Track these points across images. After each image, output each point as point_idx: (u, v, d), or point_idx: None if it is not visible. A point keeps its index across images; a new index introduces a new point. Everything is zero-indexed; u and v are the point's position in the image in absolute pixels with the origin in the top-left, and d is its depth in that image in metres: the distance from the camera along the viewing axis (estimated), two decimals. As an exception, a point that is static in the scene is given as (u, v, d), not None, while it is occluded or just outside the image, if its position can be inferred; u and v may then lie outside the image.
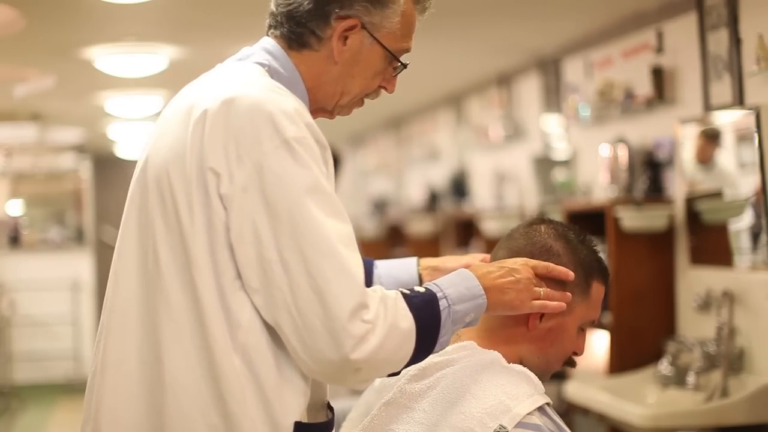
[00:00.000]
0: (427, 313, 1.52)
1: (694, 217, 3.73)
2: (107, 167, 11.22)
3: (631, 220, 3.76)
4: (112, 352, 1.56)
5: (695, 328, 3.61)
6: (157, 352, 1.50)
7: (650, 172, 3.98)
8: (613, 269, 3.82)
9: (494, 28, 4.60)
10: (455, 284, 1.58)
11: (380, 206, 8.49)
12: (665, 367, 3.53)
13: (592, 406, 3.55)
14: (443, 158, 7.10)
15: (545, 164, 5.14)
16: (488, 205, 5.99)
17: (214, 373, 1.47)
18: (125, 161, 11.29)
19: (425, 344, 1.52)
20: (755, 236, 3.38)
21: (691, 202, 3.74)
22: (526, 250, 1.74)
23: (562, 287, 1.70)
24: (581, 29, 4.58)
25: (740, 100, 3.46)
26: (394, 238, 7.46)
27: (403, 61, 1.69)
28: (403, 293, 1.52)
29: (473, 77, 6.04)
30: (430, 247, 6.50)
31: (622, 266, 3.82)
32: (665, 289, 3.81)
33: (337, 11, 1.60)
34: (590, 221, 4.03)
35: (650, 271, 3.83)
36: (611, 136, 4.31)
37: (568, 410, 3.88)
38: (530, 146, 5.46)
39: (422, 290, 1.56)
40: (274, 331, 1.48)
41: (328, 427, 1.60)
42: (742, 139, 3.44)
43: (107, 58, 5.03)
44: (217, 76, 1.61)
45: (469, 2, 4.06)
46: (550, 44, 4.96)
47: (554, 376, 4.38)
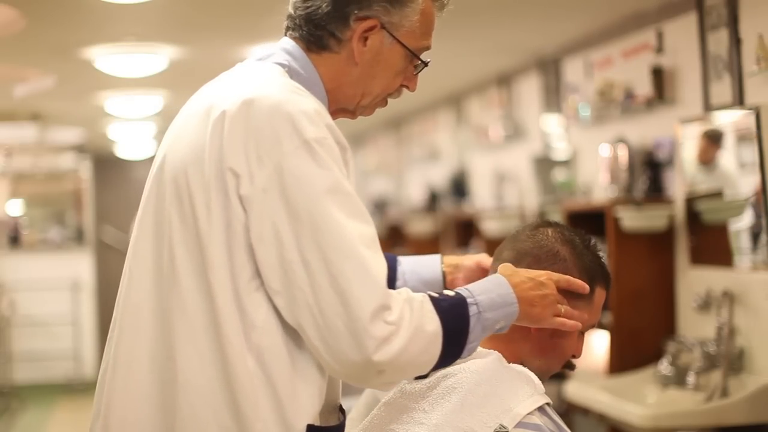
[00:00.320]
0: (454, 317, 1.51)
1: (694, 217, 3.73)
2: (107, 167, 11.23)
3: (631, 220, 3.76)
4: (123, 350, 1.56)
5: (695, 328, 3.61)
6: (170, 351, 1.50)
7: (650, 172, 3.98)
8: (613, 269, 3.82)
9: (494, 28, 4.60)
10: (488, 291, 1.56)
11: (380, 206, 8.49)
12: (665, 367, 3.53)
13: (592, 406, 3.56)
14: (443, 158, 7.10)
15: (545, 164, 5.14)
16: (488, 205, 5.99)
17: (227, 374, 1.46)
18: (125, 161, 11.30)
19: (452, 349, 1.51)
20: (755, 236, 3.38)
21: (691, 202, 3.74)
22: (532, 252, 1.74)
23: (568, 295, 1.70)
24: (581, 29, 4.58)
25: (740, 100, 3.46)
26: (394, 238, 7.46)
27: (423, 59, 1.68)
28: (431, 296, 1.51)
29: (473, 77, 6.05)
30: (430, 247, 6.49)
31: (622, 266, 3.82)
32: (665, 289, 3.81)
33: (356, 12, 1.59)
34: (590, 221, 4.03)
35: (650, 271, 3.83)
36: (611, 136, 4.31)
37: (568, 410, 3.88)
38: (530, 146, 5.46)
39: (452, 294, 1.54)
40: (289, 332, 1.48)
41: (339, 430, 1.60)
42: (742, 139, 3.44)
43: (107, 58, 5.03)
44: (236, 75, 1.60)
45: (469, 2, 4.06)
46: (550, 44, 4.96)
47: (554, 376, 4.37)
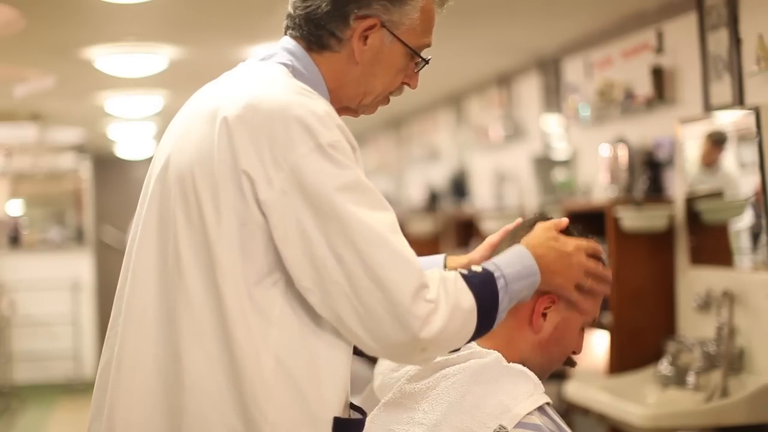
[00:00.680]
0: (486, 292, 1.54)
1: (694, 217, 3.73)
2: (107, 167, 11.23)
3: (631, 220, 3.76)
4: (127, 351, 1.55)
5: (695, 328, 3.61)
6: (176, 352, 1.49)
7: (650, 172, 3.98)
8: (613, 269, 3.80)
9: (494, 28, 4.60)
10: (513, 263, 1.59)
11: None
12: (665, 367, 3.53)
13: (592, 406, 3.56)
14: (443, 158, 7.10)
15: (545, 164, 5.14)
16: (488, 205, 5.99)
17: (235, 376, 1.46)
18: (125, 161, 11.31)
19: (485, 322, 1.54)
20: (755, 236, 3.38)
21: (691, 202, 3.74)
22: None
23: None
24: (581, 29, 4.58)
25: (740, 100, 3.46)
26: (394, 238, 7.45)
27: (424, 56, 1.68)
28: (462, 274, 1.54)
29: (473, 77, 6.05)
30: (430, 247, 6.50)
31: (622, 266, 3.82)
32: (665, 289, 3.81)
33: (355, 11, 1.59)
34: (590, 221, 4.03)
35: (650, 271, 3.83)
36: (611, 136, 4.31)
37: (568, 410, 3.88)
38: (530, 146, 5.46)
39: (479, 270, 1.57)
40: (307, 327, 1.49)
41: (362, 424, 1.60)
42: (742, 139, 3.44)
43: (107, 58, 5.03)
44: (241, 76, 1.60)
45: (469, 2, 4.06)
46: (550, 44, 4.96)
47: (554, 376, 4.37)
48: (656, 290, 3.82)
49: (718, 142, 3.61)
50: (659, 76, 3.99)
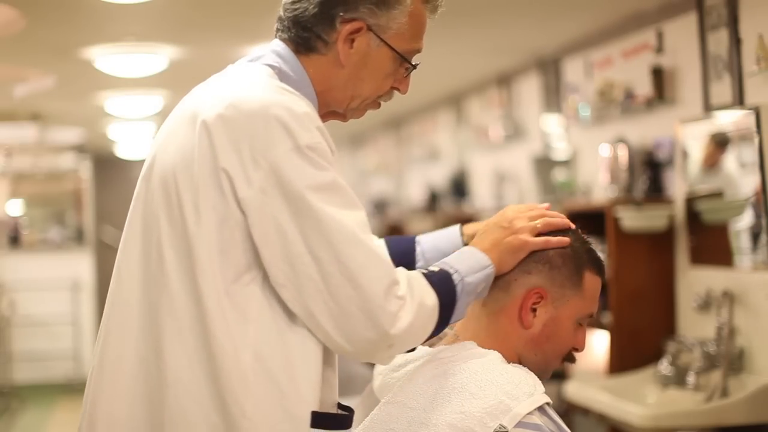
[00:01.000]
0: (445, 289, 1.58)
1: (694, 217, 3.73)
2: (107, 167, 11.23)
3: (631, 220, 3.76)
4: (111, 348, 1.57)
5: (695, 328, 3.61)
6: (158, 350, 1.52)
7: (650, 172, 3.98)
8: (613, 269, 3.82)
9: (494, 28, 4.60)
10: (464, 260, 1.64)
11: (380, 206, 8.49)
12: (665, 367, 3.53)
13: (592, 406, 3.56)
14: (443, 158, 7.10)
15: (545, 164, 5.14)
16: (488, 205, 5.99)
17: (214, 373, 1.48)
18: (125, 161, 11.31)
19: (444, 318, 1.59)
20: (755, 236, 3.38)
21: (691, 202, 3.74)
22: None
23: (554, 282, 1.71)
24: (581, 29, 4.58)
25: (740, 100, 3.46)
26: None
27: (414, 61, 1.68)
28: (422, 272, 1.59)
29: (473, 77, 6.05)
30: (430, 247, 6.49)
31: (622, 266, 3.82)
32: (665, 289, 3.81)
33: (341, 15, 1.59)
34: (590, 221, 4.03)
35: (650, 271, 3.83)
36: (611, 136, 4.31)
37: (568, 410, 3.88)
38: (530, 146, 5.46)
39: (436, 269, 1.61)
40: (283, 323, 1.51)
41: (345, 421, 1.61)
42: (742, 139, 3.44)
43: (107, 58, 5.03)
44: (225, 78, 1.62)
45: (469, 2, 4.06)
46: (550, 44, 4.96)
47: (554, 376, 4.37)
48: (656, 290, 3.82)
49: (721, 143, 3.61)
50: (659, 76, 3.99)
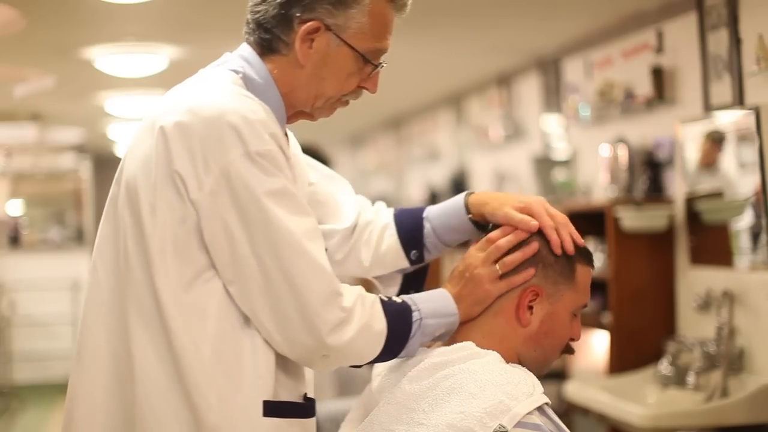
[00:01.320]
0: (399, 322, 1.64)
1: (694, 217, 3.73)
2: (107, 167, 11.20)
3: (631, 220, 3.76)
4: (88, 345, 1.63)
5: (695, 328, 3.61)
6: (127, 345, 1.57)
7: (650, 172, 3.98)
8: (613, 269, 3.82)
9: (494, 28, 4.60)
10: (431, 300, 1.69)
11: (380, 206, 8.48)
12: (665, 367, 3.53)
13: (592, 406, 3.55)
14: (443, 158, 7.10)
15: (545, 164, 5.14)
16: (488, 205, 5.98)
17: (177, 366, 1.54)
18: (125, 161, 11.29)
19: (392, 348, 1.65)
20: (755, 236, 3.38)
21: (691, 202, 3.74)
22: None
23: (548, 279, 1.72)
24: (581, 29, 4.58)
25: (740, 100, 3.46)
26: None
27: (377, 61, 1.69)
28: (380, 299, 1.64)
29: (473, 77, 6.05)
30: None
31: (622, 266, 3.82)
32: (665, 289, 3.81)
33: (298, 15, 1.62)
34: (590, 221, 4.03)
35: (650, 271, 3.83)
36: (611, 136, 4.31)
37: (568, 410, 3.88)
38: (530, 146, 5.46)
39: (398, 300, 1.67)
40: (242, 319, 1.57)
41: (303, 410, 1.66)
42: (742, 139, 3.44)
43: (107, 58, 5.03)
44: (189, 84, 1.67)
45: (469, 2, 4.06)
46: (550, 44, 4.96)
47: (554, 376, 4.38)
48: (656, 290, 3.82)
49: (717, 140, 3.61)
50: (659, 76, 3.99)
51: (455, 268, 1.77)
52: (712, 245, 3.68)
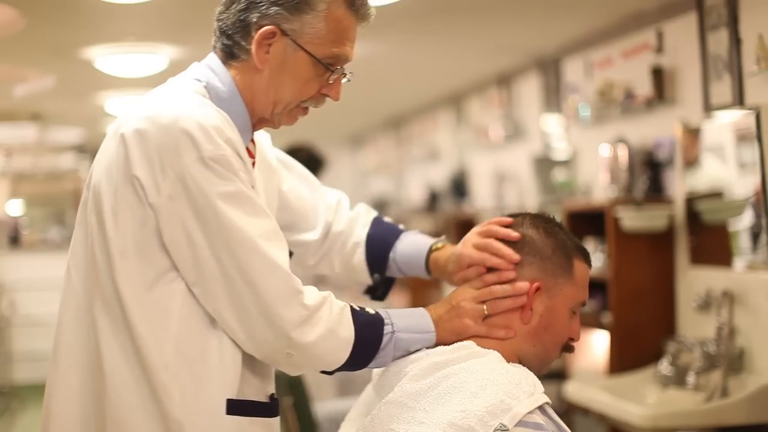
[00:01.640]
0: (368, 332, 1.67)
1: (694, 217, 3.73)
2: (107, 167, 11.21)
3: (631, 220, 3.76)
4: (62, 344, 1.69)
5: (695, 328, 3.61)
6: (97, 344, 1.63)
7: (650, 172, 3.98)
8: (613, 269, 3.82)
9: (494, 28, 4.60)
10: (407, 316, 1.73)
11: (380, 206, 8.48)
12: (665, 367, 3.53)
13: (592, 406, 3.55)
14: (443, 158, 7.10)
15: (545, 164, 5.14)
16: (488, 205, 5.99)
17: (142, 363, 1.60)
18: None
19: (361, 358, 1.67)
20: (755, 236, 3.38)
21: (691, 202, 3.74)
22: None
23: (546, 272, 1.75)
24: (581, 29, 4.58)
25: (740, 100, 3.46)
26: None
27: (336, 67, 1.71)
28: (351, 307, 1.68)
29: (473, 77, 6.05)
30: (430, 247, 6.48)
31: (622, 266, 3.82)
32: (665, 289, 3.81)
33: (255, 20, 1.66)
34: (590, 221, 4.04)
35: (650, 271, 3.83)
36: (611, 136, 4.31)
37: (568, 410, 3.88)
38: (530, 146, 5.46)
39: (372, 312, 1.70)
40: (204, 319, 1.62)
41: (266, 409, 1.70)
42: (742, 139, 3.44)
43: (107, 58, 5.03)
44: (155, 92, 1.73)
45: (469, 2, 4.06)
46: (550, 44, 4.96)
47: (554, 376, 4.37)
48: (656, 290, 3.82)
49: (696, 136, 3.61)
50: (659, 76, 3.99)
51: (444, 298, 1.81)
52: (712, 245, 3.68)
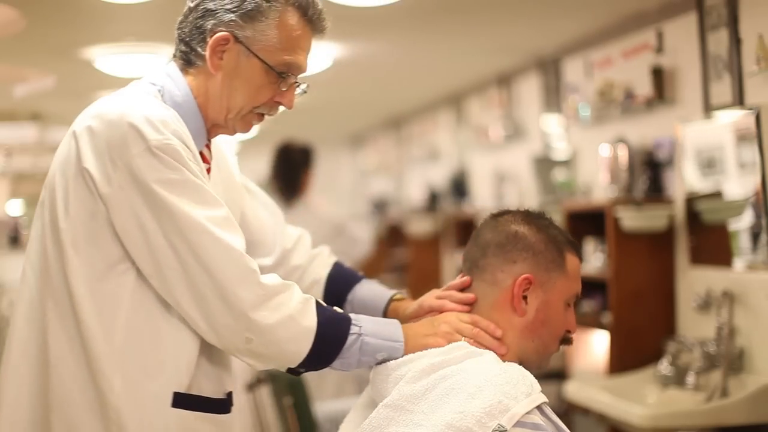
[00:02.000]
0: (333, 327, 1.68)
1: (694, 217, 3.73)
2: (107, 167, 11.21)
3: (631, 220, 3.76)
4: (14, 339, 1.74)
5: (695, 328, 3.61)
6: (45, 336, 1.68)
7: (650, 172, 3.98)
8: (613, 269, 3.82)
9: (494, 28, 4.60)
10: (377, 323, 1.74)
11: (380, 206, 8.49)
12: (665, 367, 3.53)
13: (592, 406, 3.55)
14: (443, 158, 7.10)
15: (545, 164, 5.14)
16: (488, 205, 5.99)
17: (86, 352, 1.64)
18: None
19: (323, 353, 1.68)
20: (755, 236, 3.38)
21: (691, 202, 3.74)
22: (494, 241, 1.80)
23: (540, 267, 1.76)
24: (581, 29, 4.58)
25: (740, 100, 3.46)
26: (394, 238, 7.46)
27: (288, 73, 1.75)
28: (317, 301, 1.70)
29: (473, 77, 6.04)
30: (430, 247, 6.49)
31: (622, 266, 3.82)
32: (665, 289, 3.81)
33: (210, 27, 1.72)
34: (590, 221, 4.04)
35: (650, 271, 3.83)
36: (611, 136, 4.31)
37: (568, 410, 3.88)
38: (530, 146, 5.46)
39: (339, 310, 1.74)
40: (156, 311, 1.66)
41: (216, 405, 1.73)
42: (742, 139, 3.43)
43: (107, 58, 5.03)
44: (108, 95, 1.79)
45: (469, 2, 4.06)
46: (550, 44, 4.96)
47: (554, 376, 4.37)
48: (656, 290, 3.82)
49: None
50: (659, 76, 3.99)
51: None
52: (712, 245, 3.68)
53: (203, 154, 1.79)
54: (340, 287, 2.03)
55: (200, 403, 1.71)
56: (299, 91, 1.80)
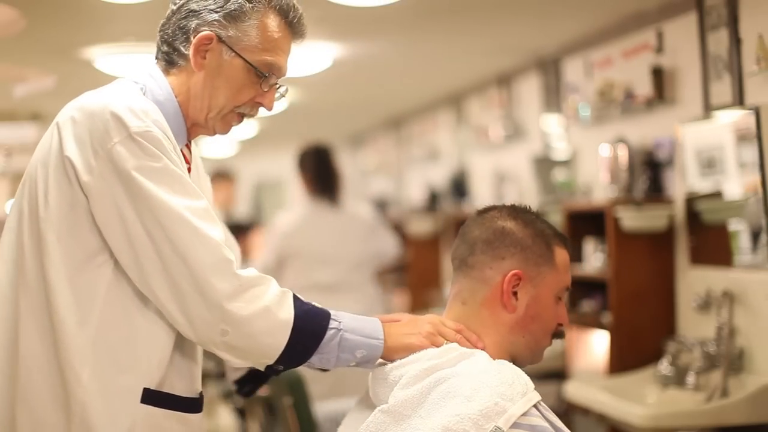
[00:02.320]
0: (311, 321, 1.67)
1: (694, 217, 3.73)
2: (107, 167, 11.20)
3: (631, 220, 3.76)
4: None
5: (695, 328, 3.61)
6: (15, 326, 1.69)
7: (650, 172, 3.98)
8: (613, 269, 3.82)
9: (494, 28, 4.60)
10: (357, 320, 1.72)
11: (380, 206, 8.48)
12: (665, 367, 3.53)
13: (592, 406, 3.55)
14: (443, 158, 7.10)
15: (545, 164, 5.14)
16: (488, 205, 5.98)
17: (56, 343, 1.64)
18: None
19: (301, 347, 1.66)
20: (755, 236, 3.38)
21: (691, 202, 3.74)
22: (481, 237, 1.81)
23: (528, 262, 1.76)
24: (581, 29, 4.58)
25: (740, 100, 3.45)
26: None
27: (270, 74, 1.78)
28: (296, 295, 1.68)
29: (473, 77, 6.04)
30: (430, 247, 6.49)
31: (622, 266, 3.81)
32: (665, 289, 3.81)
33: (194, 27, 1.76)
34: (590, 221, 4.04)
35: (650, 271, 3.83)
36: (611, 136, 4.31)
37: (568, 410, 3.88)
38: (530, 146, 5.46)
39: (318, 306, 1.72)
40: (132, 305, 1.66)
41: (185, 404, 1.73)
42: (742, 139, 3.43)
43: (107, 58, 5.03)
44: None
45: (469, 2, 4.06)
46: (550, 44, 4.96)
47: (554, 376, 4.37)
48: (656, 290, 3.82)
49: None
50: (659, 76, 3.99)
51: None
52: (712, 245, 3.68)
53: (183, 153, 1.81)
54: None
55: (170, 401, 1.71)
56: (278, 94, 1.83)
